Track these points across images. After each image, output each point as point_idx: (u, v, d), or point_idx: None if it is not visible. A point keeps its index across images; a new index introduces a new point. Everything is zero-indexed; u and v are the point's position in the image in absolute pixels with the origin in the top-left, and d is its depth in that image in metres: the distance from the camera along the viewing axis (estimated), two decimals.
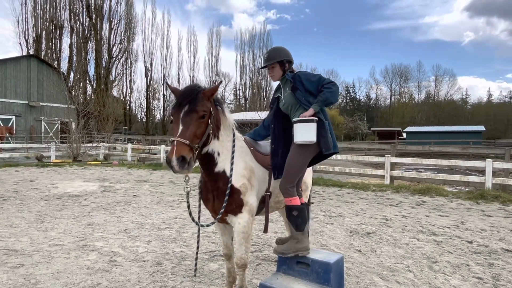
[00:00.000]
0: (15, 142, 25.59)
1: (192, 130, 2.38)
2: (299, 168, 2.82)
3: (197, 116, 2.41)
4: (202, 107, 2.45)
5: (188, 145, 2.32)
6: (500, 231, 5.48)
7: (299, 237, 2.84)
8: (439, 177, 10.00)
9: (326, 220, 6.07)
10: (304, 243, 2.84)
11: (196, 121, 2.41)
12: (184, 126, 2.37)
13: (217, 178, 2.72)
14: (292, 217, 2.82)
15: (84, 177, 11.25)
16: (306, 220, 2.86)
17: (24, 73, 30.04)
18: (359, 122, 60.37)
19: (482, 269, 3.89)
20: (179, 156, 2.26)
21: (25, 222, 5.69)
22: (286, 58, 2.95)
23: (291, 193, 2.79)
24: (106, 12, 48.54)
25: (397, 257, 4.24)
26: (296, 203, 2.79)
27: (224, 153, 2.74)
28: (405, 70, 73.13)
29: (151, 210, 6.69)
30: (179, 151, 2.27)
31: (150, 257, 4.13)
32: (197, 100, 2.43)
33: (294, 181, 2.81)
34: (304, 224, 2.84)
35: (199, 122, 2.42)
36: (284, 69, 2.97)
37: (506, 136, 51.58)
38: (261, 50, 63.73)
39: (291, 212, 2.81)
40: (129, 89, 55.03)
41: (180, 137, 2.32)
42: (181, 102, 2.43)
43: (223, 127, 2.75)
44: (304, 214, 2.82)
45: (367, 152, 26.34)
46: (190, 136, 2.35)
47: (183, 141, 2.31)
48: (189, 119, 2.39)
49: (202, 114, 2.43)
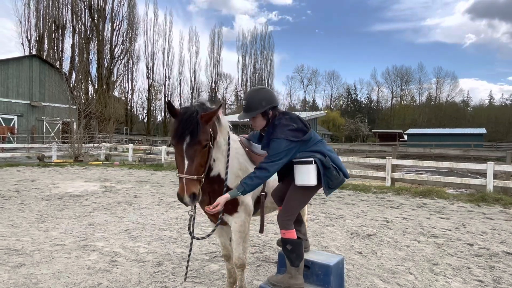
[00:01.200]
0: (16, 142, 25.65)
1: (197, 163, 2.32)
2: (300, 206, 2.78)
3: (201, 147, 2.33)
4: (204, 135, 2.34)
5: (196, 179, 2.31)
6: (501, 234, 5.47)
7: (293, 272, 2.72)
8: (440, 180, 9.97)
9: (327, 221, 6.07)
10: (297, 280, 2.71)
11: (199, 152, 2.34)
12: (189, 160, 2.31)
13: (213, 181, 2.73)
14: (286, 251, 2.74)
15: (85, 177, 11.27)
16: (301, 256, 2.75)
17: (26, 73, 30.13)
18: (360, 124, 60.35)
19: (483, 272, 3.88)
20: (190, 194, 2.27)
21: (26, 221, 5.71)
22: (269, 105, 2.64)
23: (287, 225, 2.70)
24: (108, 13, 48.74)
25: (397, 259, 4.23)
26: (291, 236, 2.70)
27: (219, 158, 2.70)
28: (407, 72, 73.29)
29: (152, 210, 6.70)
30: (189, 189, 2.26)
31: (151, 257, 4.14)
32: (198, 129, 2.31)
33: (293, 216, 2.73)
34: (299, 260, 2.73)
35: (203, 152, 2.36)
36: (268, 117, 2.68)
37: (507, 138, 51.45)
38: (262, 52, 64.00)
39: (285, 246, 2.74)
40: (130, 90, 55.25)
41: (187, 173, 2.28)
42: (182, 133, 2.31)
43: (219, 134, 2.66)
44: (299, 249, 2.72)
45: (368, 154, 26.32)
46: (196, 170, 2.31)
47: (191, 177, 2.28)
48: (192, 152, 2.31)
49: (205, 144, 2.35)
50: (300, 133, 2.60)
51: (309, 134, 2.64)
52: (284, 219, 2.72)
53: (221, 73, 64.83)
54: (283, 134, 2.55)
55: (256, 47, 64.41)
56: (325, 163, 2.58)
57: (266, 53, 64.42)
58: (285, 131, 2.56)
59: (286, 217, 2.71)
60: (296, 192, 2.71)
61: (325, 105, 78.54)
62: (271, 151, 2.56)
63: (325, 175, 2.58)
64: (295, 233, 2.76)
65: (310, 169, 2.55)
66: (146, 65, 56.27)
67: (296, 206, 2.74)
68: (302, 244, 2.78)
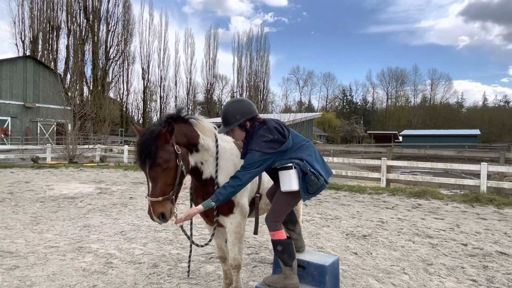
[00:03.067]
0: (10, 143, 25.42)
1: (162, 184, 2.36)
2: (287, 208, 2.78)
3: (161, 169, 2.34)
4: (164, 155, 2.33)
5: (162, 200, 2.36)
6: (494, 234, 5.52)
7: (287, 272, 2.73)
8: (434, 180, 10.05)
9: (323, 222, 6.09)
10: (292, 280, 2.72)
11: (161, 173, 2.35)
12: (153, 182, 2.36)
13: (206, 183, 2.75)
14: (278, 253, 2.75)
15: (80, 179, 11.20)
16: (293, 255, 2.76)
17: (20, 74, 29.91)
18: (356, 125, 60.64)
19: (476, 272, 3.92)
20: (158, 215, 2.37)
21: (20, 223, 5.66)
22: (243, 118, 2.64)
23: (274, 227, 2.71)
24: (104, 14, 48.56)
25: (392, 260, 4.26)
26: (279, 237, 2.70)
27: (209, 160, 2.71)
28: (402, 73, 73.81)
29: (147, 212, 6.67)
30: (156, 211, 2.36)
31: (147, 259, 4.12)
32: (157, 151, 2.30)
33: (280, 218, 2.74)
34: (292, 260, 2.74)
35: (166, 173, 2.36)
36: (245, 129, 2.69)
37: (501, 139, 51.97)
38: (258, 53, 64.01)
39: (276, 247, 2.75)
40: (126, 91, 55.04)
41: (152, 196, 2.35)
42: (141, 156, 2.34)
43: (202, 137, 2.66)
44: (290, 249, 2.74)
45: (364, 155, 26.44)
46: (161, 191, 2.36)
47: (156, 199, 2.34)
48: (154, 173, 2.34)
49: (165, 167, 2.34)
50: (276, 144, 2.59)
51: (286, 145, 2.62)
52: (271, 221, 2.73)
53: (217, 75, 64.79)
54: (257, 146, 2.57)
55: (252, 49, 64.49)
56: (303, 168, 2.57)
57: (262, 54, 64.51)
58: (260, 143, 2.57)
59: (273, 219, 2.72)
60: (283, 196, 2.71)
61: (320, 107, 78.86)
62: (245, 161, 2.60)
63: (303, 180, 2.58)
64: (284, 233, 2.78)
65: (291, 175, 2.56)
66: (142, 66, 56.14)
67: (283, 209, 2.75)
68: (292, 243, 2.79)
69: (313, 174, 2.57)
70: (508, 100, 70.78)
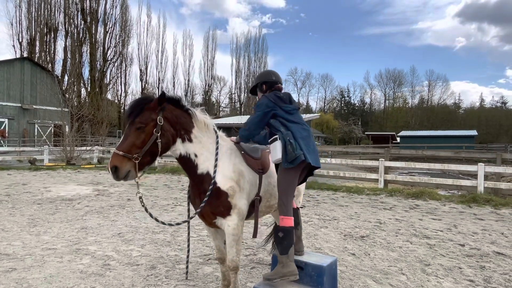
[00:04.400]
0: (7, 145, 25.34)
1: (130, 141, 2.51)
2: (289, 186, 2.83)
3: (134, 127, 2.54)
4: (140, 118, 2.55)
5: (123, 156, 2.46)
6: (491, 234, 5.55)
7: (284, 260, 2.78)
8: (432, 181, 10.08)
9: (321, 223, 6.10)
10: (290, 267, 2.77)
11: (133, 132, 2.53)
12: (124, 138, 2.55)
13: (202, 180, 2.75)
14: (278, 239, 2.80)
15: (77, 181, 11.17)
16: (292, 243, 2.82)
17: (17, 75, 29.83)
18: (354, 126, 60.71)
19: (474, 272, 3.93)
20: (112, 166, 2.46)
21: (18, 226, 5.64)
22: (259, 81, 3.18)
23: (285, 210, 2.78)
24: (101, 15, 48.46)
25: (390, 260, 4.27)
26: (288, 224, 2.77)
27: (204, 154, 2.77)
28: (399, 75, 73.90)
29: (145, 214, 6.66)
30: (112, 162, 2.46)
31: (144, 260, 4.12)
32: (138, 113, 2.56)
33: (286, 198, 2.81)
34: (289, 248, 2.79)
35: (137, 133, 2.53)
36: (263, 91, 3.16)
37: (498, 140, 52.15)
38: (256, 54, 64.01)
39: (277, 233, 2.80)
40: (123, 92, 54.85)
41: (117, 148, 2.50)
42: (125, 117, 2.65)
43: (197, 129, 2.79)
44: (290, 238, 2.79)
45: (362, 156, 26.48)
46: (126, 147, 2.49)
47: (118, 152, 2.47)
48: (128, 130, 2.56)
49: (139, 126, 2.54)
50: (281, 101, 2.98)
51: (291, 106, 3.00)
52: (280, 204, 2.81)
53: (215, 76, 64.74)
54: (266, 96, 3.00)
55: (250, 50, 64.44)
56: (284, 137, 2.82)
57: (260, 56, 64.49)
58: (270, 95, 3.01)
59: (281, 201, 2.80)
60: (280, 176, 2.85)
61: (318, 108, 78.91)
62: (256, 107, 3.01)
63: (284, 148, 2.81)
64: (293, 221, 2.83)
65: (277, 145, 2.82)
66: (140, 68, 56.02)
67: (285, 188, 2.81)
68: (293, 232, 2.84)
69: (290, 144, 2.77)
70: (505, 101, 71.06)
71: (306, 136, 2.92)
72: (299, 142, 2.83)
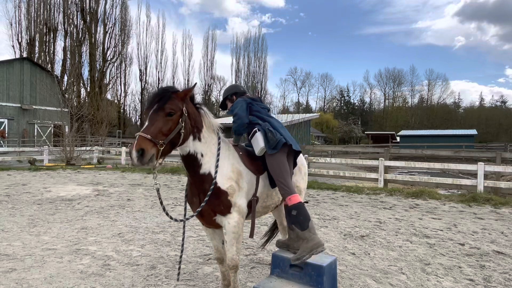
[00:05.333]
0: (7, 145, 25.31)
1: (157, 126, 2.41)
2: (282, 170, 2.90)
3: (164, 113, 2.46)
4: (171, 105, 2.49)
5: (150, 140, 2.35)
6: (491, 234, 5.55)
7: (307, 235, 2.75)
8: (432, 180, 10.09)
9: (320, 223, 6.10)
10: (315, 240, 2.73)
11: (162, 118, 2.45)
12: (150, 122, 2.43)
13: (203, 180, 2.74)
14: (294, 218, 2.79)
15: (77, 181, 11.16)
16: (308, 216, 2.82)
17: (17, 76, 29.80)
18: (353, 125, 60.72)
19: (473, 271, 3.94)
20: (138, 148, 2.30)
21: (18, 226, 5.64)
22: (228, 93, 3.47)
23: (288, 190, 2.83)
24: (101, 15, 48.41)
25: (390, 260, 4.27)
26: (296, 200, 2.79)
27: (208, 154, 2.76)
28: (399, 74, 73.94)
29: (145, 214, 6.67)
30: (139, 144, 2.31)
31: (144, 260, 4.12)
32: (167, 99, 2.49)
33: (285, 181, 2.87)
34: (307, 221, 2.78)
35: (166, 120, 2.46)
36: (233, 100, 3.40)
37: (497, 139, 52.14)
38: (256, 54, 63.98)
39: (290, 213, 2.81)
40: (123, 93, 54.86)
41: (143, 132, 2.37)
42: (151, 101, 2.51)
43: (206, 129, 2.79)
44: (304, 211, 2.79)
45: (361, 155, 26.47)
46: (153, 131, 2.38)
47: (145, 135, 2.35)
48: (155, 115, 2.45)
49: (169, 112, 2.47)
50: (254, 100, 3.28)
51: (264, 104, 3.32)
52: (281, 188, 2.88)
53: (215, 76, 64.72)
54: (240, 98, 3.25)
55: (250, 50, 64.37)
56: (263, 127, 3.00)
57: (260, 55, 64.45)
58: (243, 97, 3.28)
59: (281, 184, 2.87)
60: (269, 163, 2.94)
61: (318, 107, 78.87)
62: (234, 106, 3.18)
63: (265, 137, 2.96)
64: (299, 196, 2.86)
65: (258, 137, 2.98)
66: (139, 68, 55.99)
67: (279, 171, 2.89)
68: (304, 206, 2.86)
69: (270, 132, 2.95)
70: (505, 100, 71.08)
71: (282, 127, 3.13)
72: (278, 130, 3.02)
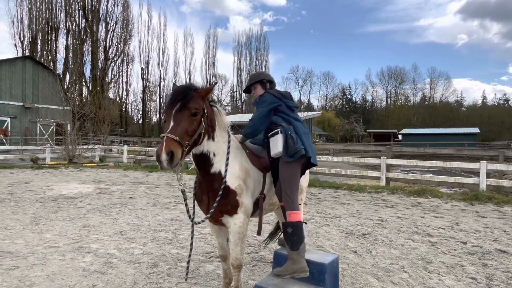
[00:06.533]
0: (9, 144, 25.41)
1: (183, 127, 2.34)
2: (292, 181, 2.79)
3: (189, 113, 2.38)
4: (195, 104, 2.42)
5: (178, 142, 2.27)
6: (494, 232, 5.53)
7: (295, 257, 2.71)
8: (434, 179, 10.06)
9: (322, 221, 6.10)
10: (300, 264, 2.70)
11: (187, 118, 2.37)
12: (175, 122, 2.34)
13: (213, 179, 2.72)
14: (287, 235, 2.75)
15: (79, 179, 11.20)
16: (302, 239, 2.74)
17: (19, 74, 29.88)
18: (355, 124, 60.61)
19: (476, 270, 3.92)
20: (168, 151, 2.22)
21: (20, 224, 5.66)
22: (266, 78, 3.15)
23: (292, 205, 2.72)
24: (103, 14, 48.50)
25: (392, 258, 4.27)
26: (296, 218, 2.71)
27: (220, 153, 2.74)
28: (401, 72, 73.76)
29: (147, 212, 6.68)
30: (168, 147, 2.23)
31: (146, 258, 4.13)
32: (190, 98, 2.41)
33: (292, 194, 2.75)
34: (300, 243, 2.72)
35: (191, 120, 2.39)
36: (265, 88, 3.14)
37: (500, 138, 51.93)
38: (257, 52, 63.97)
39: (286, 229, 2.75)
40: (125, 91, 55.02)
41: (170, 133, 2.28)
42: (174, 99, 2.41)
43: (218, 128, 2.75)
44: (300, 232, 2.73)
45: (363, 154, 26.43)
46: (180, 132, 2.31)
47: (173, 137, 2.26)
48: (180, 115, 2.36)
49: (194, 112, 2.40)
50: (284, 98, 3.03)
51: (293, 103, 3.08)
52: (285, 199, 2.76)
53: (216, 74, 64.73)
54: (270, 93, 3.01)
55: (251, 48, 64.40)
56: (286, 131, 2.82)
57: (261, 53, 64.48)
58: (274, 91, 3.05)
59: (286, 196, 2.75)
60: (282, 170, 2.81)
61: (320, 106, 78.75)
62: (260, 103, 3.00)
63: (285, 142, 2.80)
64: (300, 215, 2.77)
65: (278, 139, 2.81)
66: (141, 66, 56.10)
67: (288, 182, 2.77)
68: (303, 226, 2.79)
69: (291, 138, 2.78)
70: (508, 98, 70.91)
71: (306, 133, 2.94)
72: (301, 137, 2.84)
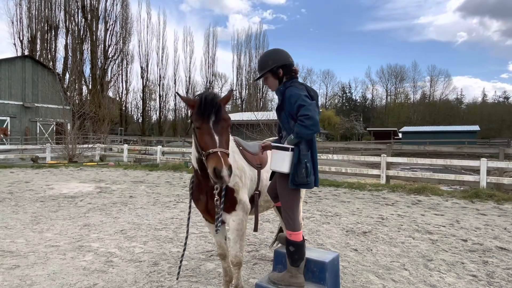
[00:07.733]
0: (9, 143, 25.42)
1: (226, 139, 2.41)
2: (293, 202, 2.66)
3: (227, 124, 2.44)
4: (226, 114, 2.46)
5: (228, 155, 2.35)
6: (494, 229, 5.53)
7: (293, 271, 2.69)
8: (434, 177, 10.06)
9: (323, 219, 6.10)
10: (298, 279, 2.67)
11: (226, 129, 2.43)
12: (219, 135, 2.37)
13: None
14: (288, 252, 2.71)
15: (79, 178, 11.20)
16: (303, 257, 2.72)
17: (18, 74, 29.85)
18: (355, 122, 60.60)
19: (476, 267, 3.93)
20: (229, 166, 2.26)
21: (21, 223, 5.66)
22: (275, 64, 2.62)
23: (293, 226, 2.63)
24: (102, 13, 48.47)
25: (392, 256, 4.27)
26: (297, 238, 2.64)
27: None
28: (401, 70, 73.62)
29: (147, 210, 6.68)
30: (227, 162, 2.26)
31: (147, 257, 4.13)
32: (220, 108, 2.43)
33: (292, 214, 2.64)
34: (300, 261, 2.69)
35: (227, 130, 2.45)
36: (278, 77, 2.66)
37: (500, 135, 51.91)
38: (257, 51, 63.88)
39: (288, 247, 2.72)
40: (125, 90, 55.04)
41: (220, 147, 2.31)
42: (209, 111, 2.39)
43: None
44: (301, 251, 2.69)
45: (363, 152, 26.41)
46: (226, 145, 2.38)
47: (226, 151, 2.32)
48: (221, 128, 2.40)
49: (228, 123, 2.45)
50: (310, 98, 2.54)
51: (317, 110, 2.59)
52: (286, 220, 2.67)
53: (216, 73, 64.78)
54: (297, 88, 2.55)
55: (251, 46, 64.35)
56: (301, 156, 2.50)
57: (261, 52, 64.34)
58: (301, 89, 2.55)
59: (287, 216, 2.65)
60: (283, 192, 2.66)
61: (320, 104, 78.55)
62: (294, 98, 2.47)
63: (295, 166, 2.51)
64: (301, 235, 2.69)
65: (285, 157, 2.52)
66: (140, 65, 56.14)
67: (290, 204, 2.66)
68: (304, 245, 2.75)
69: (305, 168, 2.49)
70: (508, 96, 70.73)
71: (316, 155, 2.67)
72: (315, 165, 2.60)
